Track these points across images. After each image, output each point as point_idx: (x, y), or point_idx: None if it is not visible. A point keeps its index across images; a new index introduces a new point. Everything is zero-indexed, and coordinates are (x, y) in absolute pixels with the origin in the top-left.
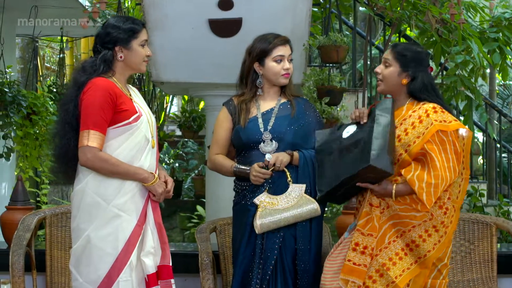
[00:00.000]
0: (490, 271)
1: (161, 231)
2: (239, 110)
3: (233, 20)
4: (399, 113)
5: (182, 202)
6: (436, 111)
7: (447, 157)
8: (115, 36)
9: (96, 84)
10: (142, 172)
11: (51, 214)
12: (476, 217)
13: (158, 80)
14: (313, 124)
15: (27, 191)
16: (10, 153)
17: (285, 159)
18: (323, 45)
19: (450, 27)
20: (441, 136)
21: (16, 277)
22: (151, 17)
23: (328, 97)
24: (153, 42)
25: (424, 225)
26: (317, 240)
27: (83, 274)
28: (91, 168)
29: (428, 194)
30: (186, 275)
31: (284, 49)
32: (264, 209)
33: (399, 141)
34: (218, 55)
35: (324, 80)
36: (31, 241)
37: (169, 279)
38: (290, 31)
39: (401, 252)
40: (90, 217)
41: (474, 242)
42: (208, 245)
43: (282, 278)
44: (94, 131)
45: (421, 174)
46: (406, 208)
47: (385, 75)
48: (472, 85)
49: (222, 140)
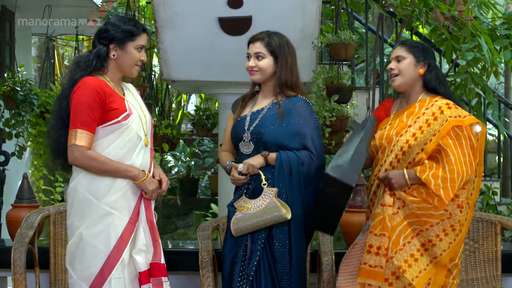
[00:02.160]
0: (494, 270)
1: (153, 229)
2: (237, 106)
3: (243, 18)
4: (411, 111)
5: (198, 200)
6: (450, 107)
7: (463, 152)
8: (112, 34)
9: (86, 83)
10: (132, 170)
11: (55, 212)
12: (480, 216)
13: (169, 78)
14: (300, 125)
15: (32, 189)
16: (22, 151)
17: (256, 163)
18: (332, 43)
19: (460, 24)
20: (457, 131)
21: (17, 274)
22: (161, 16)
23: (337, 95)
24: (163, 41)
25: (442, 224)
26: (299, 242)
27: (77, 271)
28: (80, 166)
29: (445, 189)
30: (190, 272)
31: (252, 47)
32: (239, 213)
33: (415, 140)
34: (229, 53)
35: (333, 78)
36: (34, 239)
37: (160, 277)
38: (300, 29)
39: (416, 253)
40: (82, 215)
41: (478, 241)
42: (209, 243)
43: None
44: (81, 130)
45: (436, 172)
46: (423, 207)
47: (401, 69)
48: (483, 82)
49: (227, 137)
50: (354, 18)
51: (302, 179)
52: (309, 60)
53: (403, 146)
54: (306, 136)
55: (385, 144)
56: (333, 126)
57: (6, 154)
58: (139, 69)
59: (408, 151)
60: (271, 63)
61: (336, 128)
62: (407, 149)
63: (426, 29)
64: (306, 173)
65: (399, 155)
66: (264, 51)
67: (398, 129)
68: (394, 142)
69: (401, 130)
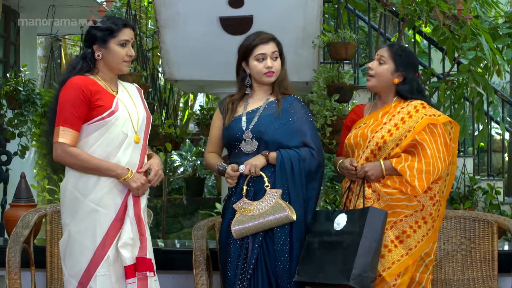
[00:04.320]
0: (490, 269)
1: (140, 223)
2: (226, 109)
3: (244, 17)
4: (387, 110)
5: (204, 200)
6: (424, 106)
7: (437, 148)
8: (93, 35)
9: (71, 82)
10: (114, 169)
11: (52, 211)
12: (477, 215)
13: (171, 78)
14: (299, 122)
15: (30, 188)
16: (25, 151)
17: (259, 163)
18: (332, 42)
19: (461, 22)
20: (432, 128)
21: (12, 273)
22: (162, 16)
23: (338, 94)
24: (165, 40)
25: (415, 215)
26: (299, 240)
27: (68, 267)
28: (63, 163)
29: (420, 180)
30: (187, 272)
31: (266, 48)
32: (240, 215)
33: (390, 136)
34: (230, 52)
35: (334, 77)
36: (30, 238)
37: (145, 272)
38: (301, 28)
39: (390, 244)
40: (71, 212)
41: (475, 241)
42: (204, 242)
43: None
44: (64, 127)
45: (412, 163)
46: (397, 198)
47: (378, 72)
48: (485, 81)
49: (214, 138)
50: (357, 17)
51: (304, 176)
52: (311, 60)
53: (379, 141)
54: (306, 133)
55: (360, 142)
56: (334, 125)
57: (8, 154)
58: (129, 65)
59: (384, 146)
60: (280, 63)
61: (337, 127)
62: (382, 144)
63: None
64: (308, 169)
65: (375, 150)
66: (277, 51)
67: (374, 127)
68: (370, 138)
69: (376, 127)
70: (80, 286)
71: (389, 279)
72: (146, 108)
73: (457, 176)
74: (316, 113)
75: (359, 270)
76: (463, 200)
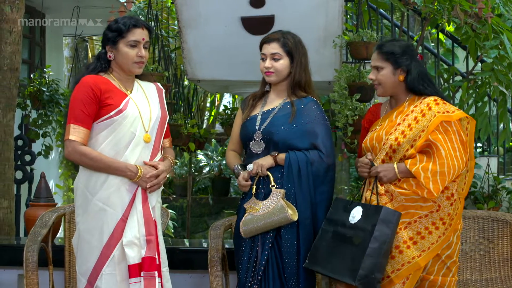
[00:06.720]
0: (509, 270)
1: (149, 224)
2: (246, 105)
3: (266, 17)
4: (401, 110)
5: (230, 199)
6: (437, 103)
7: (453, 147)
8: (106, 36)
9: (82, 80)
10: (124, 170)
11: (70, 210)
12: (496, 215)
13: (193, 78)
14: (311, 124)
15: (50, 188)
16: (48, 151)
17: (265, 163)
18: (352, 41)
19: (484, 21)
20: (445, 126)
21: (29, 272)
22: (184, 16)
23: (359, 93)
24: (187, 40)
25: (430, 216)
26: (307, 243)
27: (78, 266)
28: (73, 161)
29: (434, 183)
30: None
31: (267, 48)
32: (248, 215)
33: (404, 137)
34: (252, 52)
35: (355, 76)
36: (48, 237)
37: (153, 272)
38: (323, 28)
39: (402, 245)
40: (82, 211)
41: (493, 241)
42: (219, 242)
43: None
44: (74, 125)
45: (426, 165)
46: (412, 199)
47: (380, 79)
48: (508, 80)
49: (236, 136)
50: (381, 15)
51: (312, 179)
52: (333, 59)
53: (393, 143)
54: (317, 135)
55: (375, 145)
56: (355, 125)
57: (32, 154)
58: (141, 66)
59: (398, 148)
60: (287, 64)
61: (358, 127)
62: (396, 147)
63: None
64: (316, 173)
65: (390, 152)
66: (281, 52)
67: (388, 129)
68: (384, 141)
69: (390, 129)
70: (89, 285)
71: (398, 281)
72: (164, 108)
73: (481, 175)
74: (337, 112)
75: (366, 271)
76: (487, 200)
